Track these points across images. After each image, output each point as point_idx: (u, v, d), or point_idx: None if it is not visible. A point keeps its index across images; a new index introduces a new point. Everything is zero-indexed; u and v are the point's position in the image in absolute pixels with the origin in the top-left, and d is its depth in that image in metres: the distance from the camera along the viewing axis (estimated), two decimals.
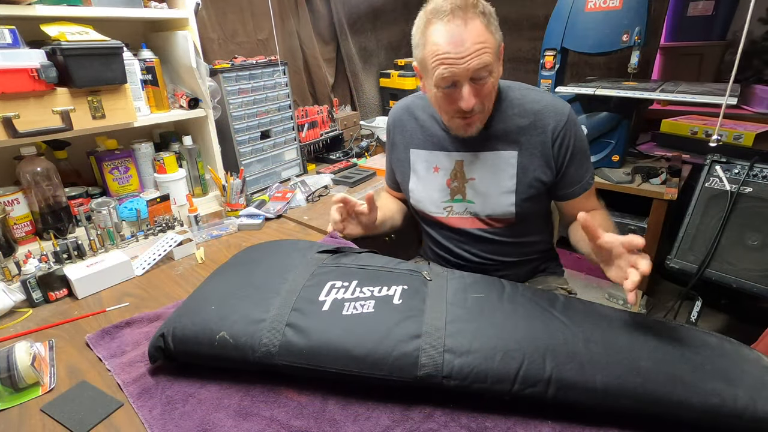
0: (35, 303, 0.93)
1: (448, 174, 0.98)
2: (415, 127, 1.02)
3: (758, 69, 2.05)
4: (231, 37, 1.85)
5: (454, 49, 0.78)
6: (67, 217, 1.17)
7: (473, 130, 0.89)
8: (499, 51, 0.85)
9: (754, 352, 0.61)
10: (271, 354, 0.62)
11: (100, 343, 0.79)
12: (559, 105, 0.92)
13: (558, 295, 0.72)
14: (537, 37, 2.35)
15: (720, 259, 1.43)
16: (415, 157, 1.02)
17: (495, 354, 0.58)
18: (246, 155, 1.61)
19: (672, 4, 2.06)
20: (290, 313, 0.66)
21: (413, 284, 0.72)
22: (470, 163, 0.96)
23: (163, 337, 0.68)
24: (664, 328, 0.64)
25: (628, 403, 0.55)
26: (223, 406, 0.62)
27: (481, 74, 0.81)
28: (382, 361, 0.59)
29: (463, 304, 0.67)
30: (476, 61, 0.78)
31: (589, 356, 0.57)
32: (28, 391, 0.69)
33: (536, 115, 0.91)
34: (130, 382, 0.69)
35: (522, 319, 0.64)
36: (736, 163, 1.40)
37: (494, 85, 0.85)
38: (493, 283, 0.74)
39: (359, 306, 0.66)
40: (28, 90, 0.99)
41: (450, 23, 0.78)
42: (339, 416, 0.59)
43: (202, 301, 0.73)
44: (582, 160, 0.94)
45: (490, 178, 0.94)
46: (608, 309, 0.69)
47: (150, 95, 1.32)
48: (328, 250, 0.84)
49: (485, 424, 0.57)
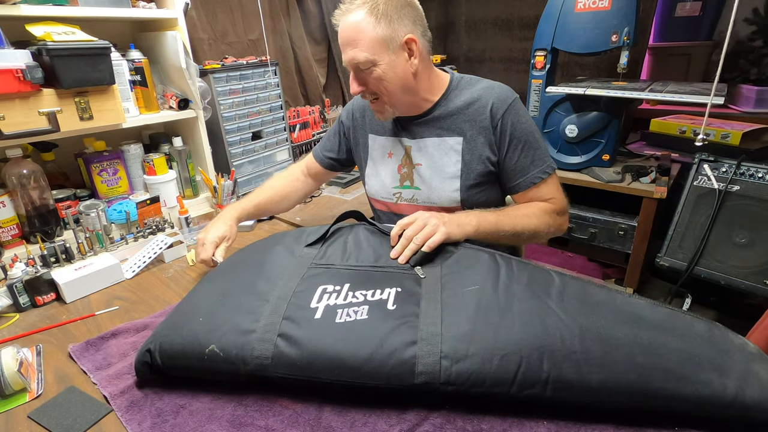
0: (22, 308, 0.92)
1: (399, 160, 1.02)
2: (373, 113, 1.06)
3: (744, 69, 2.08)
4: (221, 37, 1.83)
5: (340, 37, 0.88)
6: (54, 220, 1.15)
7: (383, 116, 0.96)
8: (395, 43, 0.86)
9: (738, 338, 0.61)
10: (264, 366, 0.61)
11: (84, 355, 0.76)
12: (504, 92, 0.94)
13: (553, 276, 0.70)
14: (527, 38, 2.37)
15: (709, 256, 1.45)
16: (372, 142, 1.07)
17: (492, 358, 0.57)
18: (237, 156, 1.60)
19: (660, 4, 2.09)
20: (281, 322, 0.64)
21: (406, 285, 0.70)
22: (417, 149, 0.99)
23: (149, 352, 0.65)
24: (657, 315, 0.63)
25: (623, 399, 0.56)
26: (216, 416, 0.61)
27: (361, 65, 0.87)
28: (378, 370, 0.58)
29: (458, 302, 0.65)
30: (351, 53, 0.86)
31: (585, 354, 0.57)
32: (14, 398, 0.68)
33: (480, 101, 0.93)
34: (117, 394, 0.66)
35: (518, 316, 0.62)
36: (724, 162, 1.43)
37: (386, 75, 0.88)
38: (488, 266, 0.71)
39: (352, 312, 0.64)
40: (13, 91, 0.97)
41: (340, 11, 0.87)
42: (335, 423, 0.58)
43: (190, 313, 0.70)
44: (525, 150, 0.92)
45: (434, 164, 0.97)
46: (601, 292, 0.67)
47: (139, 96, 1.31)
48: (317, 239, 0.82)
49: (481, 426, 0.57)
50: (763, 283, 1.35)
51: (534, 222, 0.91)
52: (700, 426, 0.55)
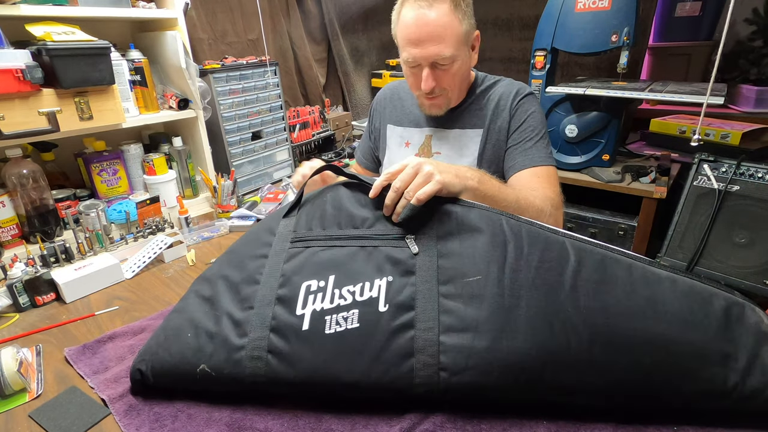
0: (22, 308, 0.92)
1: (416, 149, 1.03)
2: (396, 106, 1.08)
3: (744, 69, 2.08)
4: (221, 37, 1.83)
5: (416, 32, 0.84)
6: (54, 220, 1.15)
7: (438, 111, 0.96)
8: (471, 38, 0.90)
9: (756, 313, 0.57)
10: (258, 384, 0.60)
11: (80, 359, 0.76)
12: (523, 87, 0.99)
13: (568, 251, 0.61)
14: (527, 38, 2.37)
15: (709, 256, 1.44)
16: (390, 132, 1.08)
17: (492, 371, 0.55)
18: (237, 156, 1.60)
19: (660, 4, 2.09)
20: (269, 336, 0.61)
21: (398, 271, 0.62)
22: (438, 138, 1.01)
23: (140, 372, 0.64)
24: (675, 294, 0.58)
25: (622, 400, 0.56)
26: (215, 420, 0.60)
27: (441, 61, 0.85)
28: (375, 385, 0.58)
29: (458, 301, 0.59)
30: (434, 48, 0.84)
31: (591, 361, 0.55)
32: (14, 398, 0.68)
33: (501, 96, 0.97)
34: (115, 398, 0.65)
35: (524, 319, 0.57)
36: (724, 161, 1.42)
37: (460, 70, 0.90)
38: (493, 241, 0.62)
39: (342, 320, 0.59)
40: (13, 91, 0.97)
41: (417, 5, 0.83)
42: (335, 426, 0.58)
43: (179, 327, 0.67)
44: (533, 134, 0.94)
45: (453, 153, 0.99)
46: (621, 266, 0.60)
47: (139, 96, 1.31)
48: (292, 206, 0.74)
49: (481, 425, 0.57)
50: (763, 283, 1.35)
51: (539, 201, 0.84)
52: (698, 424, 0.55)
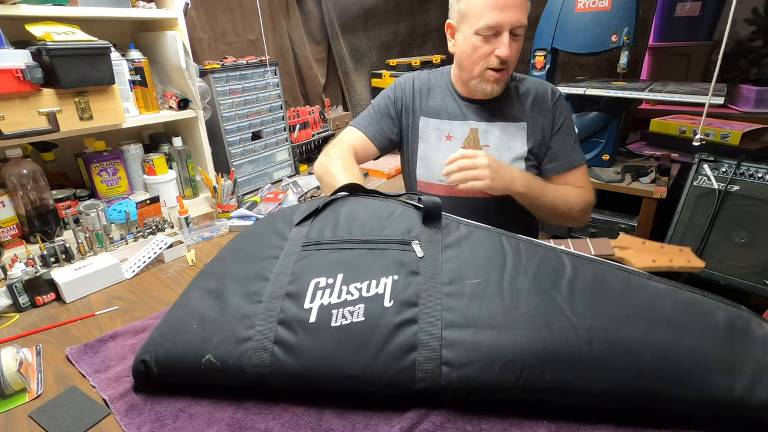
0: (22, 308, 0.92)
1: (461, 142, 1.03)
2: (426, 97, 1.08)
3: (744, 69, 2.08)
4: (221, 37, 1.83)
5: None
6: (54, 220, 1.15)
7: (498, 88, 0.96)
8: None
9: (763, 327, 0.57)
10: (263, 375, 0.60)
11: (82, 358, 0.76)
12: (554, 87, 1.06)
13: (564, 262, 0.65)
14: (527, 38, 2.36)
15: (709, 256, 1.44)
16: (425, 125, 1.06)
17: (494, 365, 0.56)
18: (237, 156, 1.60)
19: (660, 4, 2.09)
20: (276, 327, 0.62)
21: (403, 272, 0.64)
22: (484, 131, 1.02)
23: (145, 363, 0.65)
24: (675, 305, 0.59)
25: (623, 402, 0.55)
26: (216, 420, 0.60)
27: (519, 30, 0.89)
28: (377, 378, 0.58)
29: (460, 299, 0.61)
30: (517, 15, 0.87)
31: (591, 361, 0.55)
32: (14, 398, 0.68)
33: (537, 94, 1.03)
34: (116, 397, 0.65)
35: (524, 317, 0.59)
36: (724, 161, 1.42)
37: (521, 45, 0.93)
38: (494, 251, 0.67)
39: (348, 314, 0.61)
40: (13, 91, 0.97)
41: None
42: (336, 425, 0.58)
43: (183, 319, 0.68)
44: (570, 135, 1.02)
45: (502, 145, 1.01)
46: (616, 278, 0.63)
47: (139, 96, 1.31)
48: (307, 216, 0.76)
49: (481, 425, 0.57)
50: (763, 283, 1.35)
51: (572, 198, 0.98)
52: (698, 426, 0.55)
